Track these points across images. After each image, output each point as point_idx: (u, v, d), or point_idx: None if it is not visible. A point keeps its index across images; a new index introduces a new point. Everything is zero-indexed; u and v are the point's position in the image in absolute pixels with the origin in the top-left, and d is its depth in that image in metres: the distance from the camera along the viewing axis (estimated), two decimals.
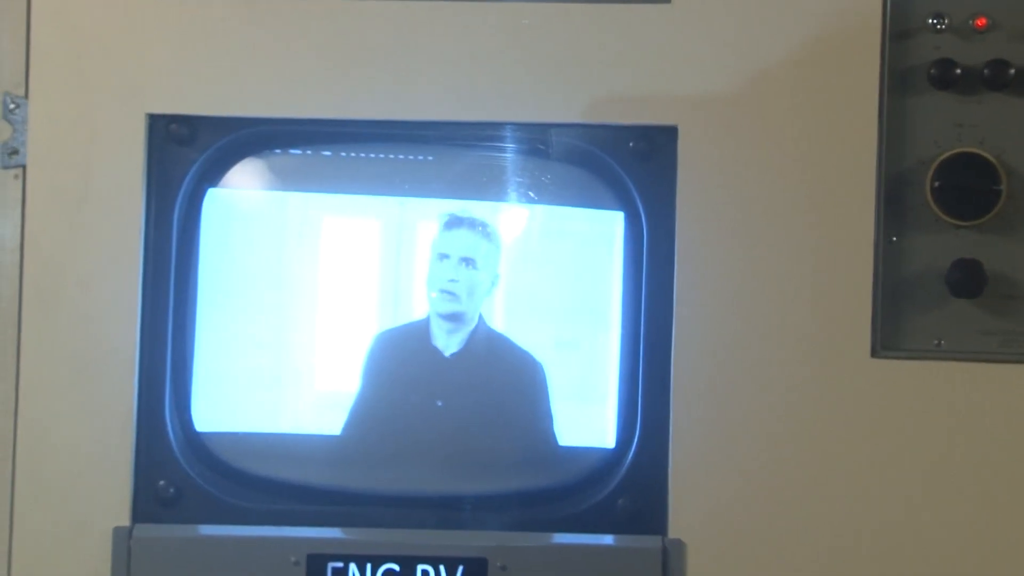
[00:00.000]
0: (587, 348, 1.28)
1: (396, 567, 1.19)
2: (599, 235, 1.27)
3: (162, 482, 1.22)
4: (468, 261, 1.25)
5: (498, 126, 1.23)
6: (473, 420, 1.27)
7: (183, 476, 1.23)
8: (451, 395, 1.27)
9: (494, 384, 1.28)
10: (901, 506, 1.18)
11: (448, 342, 1.27)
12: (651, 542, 1.20)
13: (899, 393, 1.18)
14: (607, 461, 1.25)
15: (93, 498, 1.20)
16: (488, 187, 1.27)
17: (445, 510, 1.24)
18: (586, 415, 1.27)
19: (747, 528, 1.19)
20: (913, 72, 1.20)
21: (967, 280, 1.17)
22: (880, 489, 1.18)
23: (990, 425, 1.18)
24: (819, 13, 1.19)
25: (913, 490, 1.18)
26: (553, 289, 1.28)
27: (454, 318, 1.27)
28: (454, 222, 1.26)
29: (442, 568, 1.19)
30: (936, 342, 1.20)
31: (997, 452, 1.18)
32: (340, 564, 1.19)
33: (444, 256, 1.25)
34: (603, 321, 1.26)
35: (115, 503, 1.20)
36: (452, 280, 1.25)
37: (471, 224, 1.25)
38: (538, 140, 1.24)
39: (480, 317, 1.27)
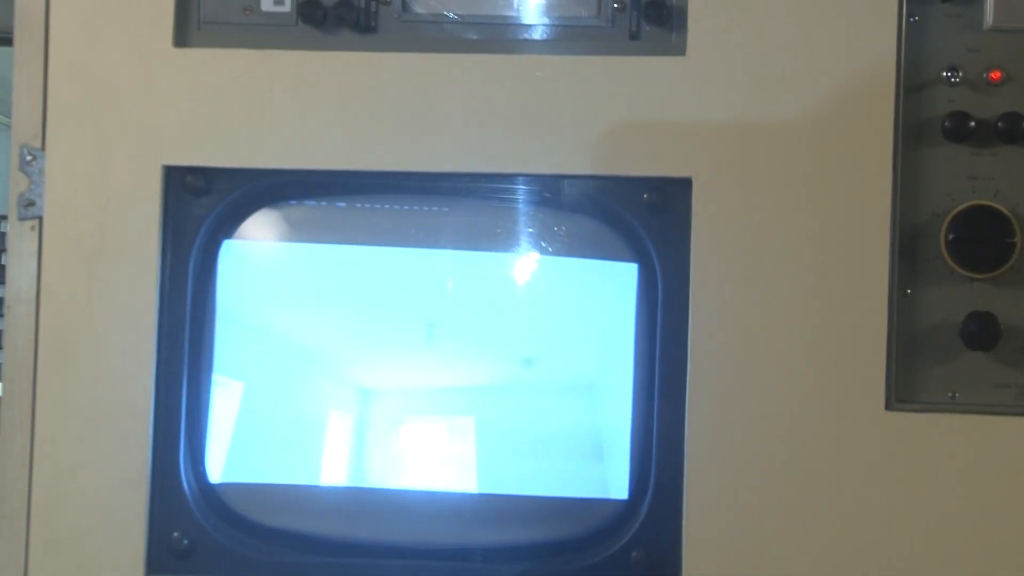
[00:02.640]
0: (601, 399, 1.28)
1: None
2: (613, 287, 1.27)
3: (176, 534, 1.22)
4: None
5: (512, 178, 1.23)
6: None
7: (197, 528, 1.22)
8: None
9: None
10: (915, 559, 1.17)
11: None
12: None
13: (913, 446, 1.18)
14: (620, 513, 1.24)
15: (107, 549, 1.21)
16: (502, 239, 1.27)
17: (458, 562, 1.23)
18: (599, 466, 1.27)
19: None
20: (927, 125, 1.20)
21: (981, 333, 1.17)
22: (894, 542, 1.17)
23: (1005, 478, 1.17)
24: (834, 65, 1.19)
25: (927, 543, 1.17)
26: (567, 340, 1.28)
27: None
28: None
29: None
30: (951, 395, 1.19)
31: (1012, 505, 1.17)
32: None
33: None
34: (617, 372, 1.26)
35: (129, 555, 1.21)
36: None
37: None
38: (551, 192, 1.24)
39: None
